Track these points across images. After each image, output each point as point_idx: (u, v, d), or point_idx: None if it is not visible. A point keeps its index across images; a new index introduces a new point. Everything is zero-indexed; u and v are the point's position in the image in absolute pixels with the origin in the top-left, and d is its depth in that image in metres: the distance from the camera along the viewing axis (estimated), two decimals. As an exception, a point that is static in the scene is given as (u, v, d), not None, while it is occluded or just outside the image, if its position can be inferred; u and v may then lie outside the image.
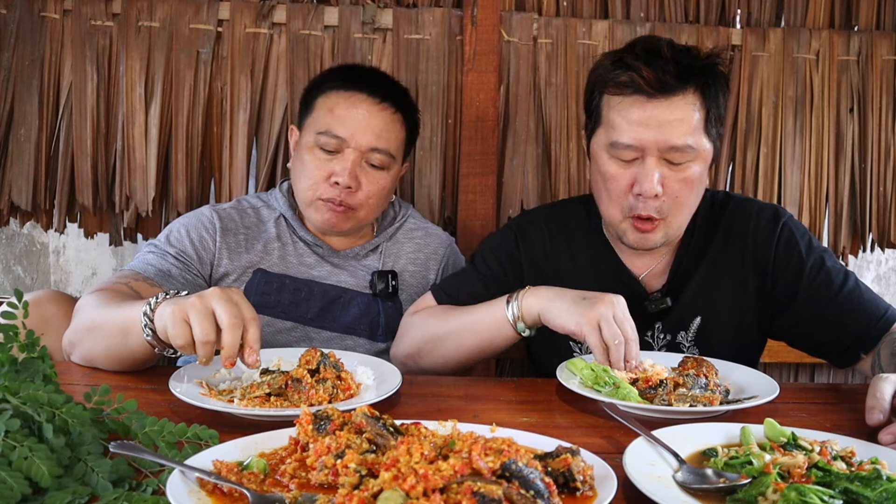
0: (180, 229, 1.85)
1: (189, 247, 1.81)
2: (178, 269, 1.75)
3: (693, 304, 1.69)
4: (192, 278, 1.77)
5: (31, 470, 0.90)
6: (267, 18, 2.33)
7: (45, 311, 1.62)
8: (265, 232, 1.90)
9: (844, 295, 1.60)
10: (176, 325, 1.23)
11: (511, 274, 1.76)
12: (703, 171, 1.60)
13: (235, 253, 1.86)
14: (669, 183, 1.55)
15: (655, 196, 1.54)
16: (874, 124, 2.43)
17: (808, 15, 2.46)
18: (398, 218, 2.01)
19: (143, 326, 1.31)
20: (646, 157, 1.54)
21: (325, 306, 1.86)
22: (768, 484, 0.96)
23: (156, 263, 1.73)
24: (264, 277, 1.85)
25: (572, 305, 1.44)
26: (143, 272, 1.70)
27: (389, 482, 0.85)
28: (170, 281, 1.71)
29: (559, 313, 1.45)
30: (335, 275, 1.89)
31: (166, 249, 1.78)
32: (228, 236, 1.86)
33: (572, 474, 0.93)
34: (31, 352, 1.10)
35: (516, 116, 2.38)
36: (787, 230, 1.67)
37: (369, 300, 1.89)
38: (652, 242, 1.61)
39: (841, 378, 2.64)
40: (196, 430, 1.09)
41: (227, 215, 1.90)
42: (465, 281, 1.77)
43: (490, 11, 2.31)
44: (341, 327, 1.86)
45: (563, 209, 1.84)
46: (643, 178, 1.53)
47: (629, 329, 1.41)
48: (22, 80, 2.29)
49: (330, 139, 1.80)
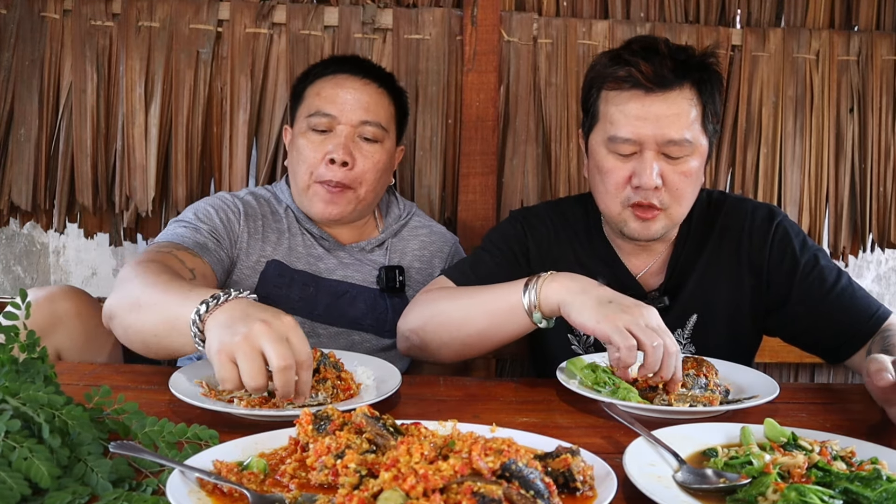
0: (207, 208, 1.81)
1: (219, 224, 1.79)
2: (213, 244, 1.73)
3: (689, 302, 1.70)
4: (223, 256, 1.74)
5: (31, 471, 0.90)
6: (267, 18, 2.33)
7: (57, 308, 1.58)
8: (278, 222, 1.91)
9: (837, 292, 1.62)
10: (222, 366, 1.15)
11: (521, 257, 1.74)
12: (701, 166, 1.62)
13: (254, 239, 1.85)
14: (668, 176, 1.56)
15: (655, 188, 1.56)
16: (874, 124, 2.43)
17: (808, 15, 2.46)
18: (403, 215, 2.01)
19: (193, 336, 1.23)
20: (644, 150, 1.55)
21: (331, 302, 1.86)
22: (768, 484, 0.96)
23: (190, 236, 1.69)
24: (278, 269, 1.84)
25: (598, 305, 1.33)
26: (181, 242, 1.65)
27: (389, 482, 0.85)
28: (207, 253, 1.68)
29: (581, 310, 1.35)
30: (342, 269, 1.89)
31: (198, 224, 1.75)
32: (250, 221, 1.86)
33: (572, 474, 0.93)
34: (32, 352, 1.10)
35: (516, 116, 2.38)
36: (782, 229, 1.69)
37: (376, 295, 1.89)
38: (653, 231, 1.62)
39: (841, 378, 2.64)
40: (196, 430, 1.09)
41: (249, 202, 1.90)
42: (476, 262, 1.72)
43: (490, 11, 2.31)
44: (348, 322, 1.86)
45: (562, 206, 1.85)
46: (642, 171, 1.55)
47: (669, 341, 1.30)
48: (22, 80, 2.29)
49: (321, 119, 1.82)
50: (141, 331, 1.37)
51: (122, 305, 1.41)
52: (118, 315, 1.42)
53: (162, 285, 1.36)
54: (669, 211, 1.61)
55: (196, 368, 1.44)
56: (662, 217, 1.61)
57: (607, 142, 1.59)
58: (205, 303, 1.22)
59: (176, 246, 1.64)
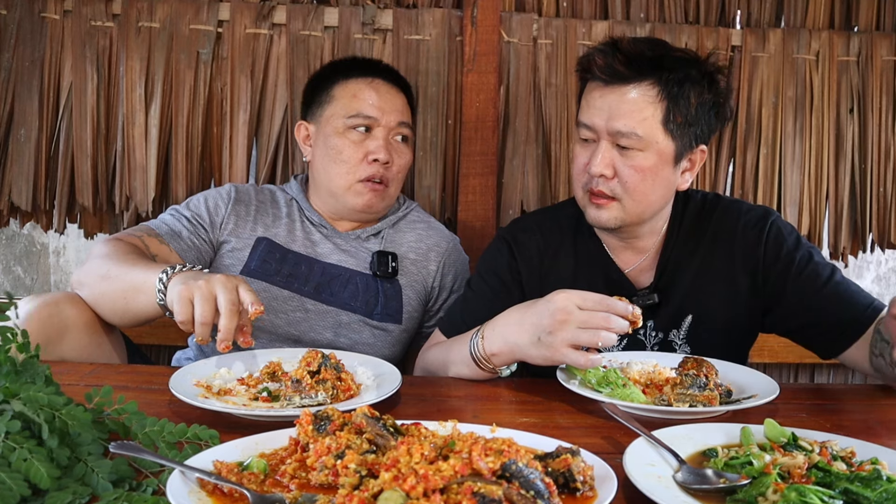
0: (199, 197, 1.98)
1: (204, 212, 1.93)
2: (189, 231, 1.88)
3: (684, 302, 1.71)
4: (199, 242, 1.89)
5: (31, 472, 0.90)
6: (267, 19, 2.33)
7: (64, 315, 1.58)
8: (276, 209, 2.00)
9: (832, 287, 1.64)
10: (181, 303, 1.38)
11: (513, 284, 1.78)
12: (661, 166, 1.62)
13: (243, 221, 1.94)
14: (620, 168, 1.61)
15: (603, 176, 1.61)
16: (874, 125, 2.44)
17: (807, 15, 2.46)
18: (402, 208, 2.06)
19: (157, 291, 1.46)
20: (599, 139, 1.62)
21: (323, 281, 1.90)
22: (768, 484, 0.96)
23: (170, 223, 1.88)
24: (268, 247, 1.92)
25: (533, 348, 1.43)
26: (156, 229, 1.85)
27: (389, 482, 0.85)
28: (178, 241, 1.84)
29: (527, 356, 1.45)
30: (337, 254, 1.94)
31: (183, 213, 1.92)
32: (239, 206, 1.96)
33: (572, 474, 0.93)
34: (27, 351, 1.10)
35: (516, 117, 2.38)
36: (776, 228, 1.71)
37: (368, 279, 1.92)
38: (605, 220, 1.65)
39: (841, 378, 2.64)
40: (196, 430, 1.09)
41: (244, 190, 2.02)
42: (466, 309, 1.78)
43: (490, 12, 2.32)
44: (338, 303, 1.89)
45: (554, 212, 1.88)
46: (593, 157, 1.62)
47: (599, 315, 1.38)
48: (22, 80, 2.30)
49: (362, 120, 1.91)
50: (112, 296, 1.59)
51: (90, 275, 1.63)
52: (86, 283, 1.64)
53: (129, 260, 1.62)
54: (624, 203, 1.63)
55: (196, 368, 1.44)
56: (616, 207, 1.64)
57: (575, 127, 1.69)
58: (171, 266, 1.49)
59: (148, 231, 1.83)
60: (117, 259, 1.62)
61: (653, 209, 1.67)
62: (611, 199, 1.63)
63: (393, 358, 1.89)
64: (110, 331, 1.67)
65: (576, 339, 1.38)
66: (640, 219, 1.67)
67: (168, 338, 2.37)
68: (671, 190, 1.68)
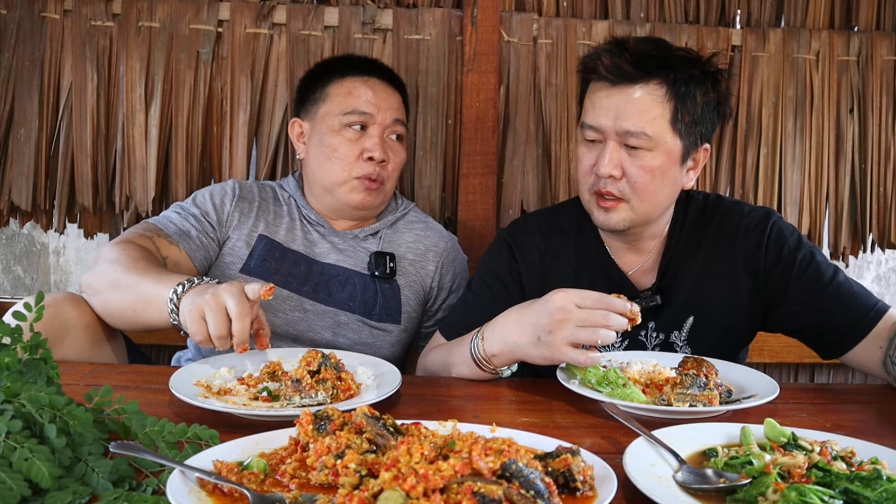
0: (205, 193, 1.97)
1: (211, 209, 1.93)
2: (197, 230, 1.87)
3: (686, 304, 1.71)
4: (207, 241, 1.88)
5: (32, 471, 0.90)
6: (267, 19, 2.33)
7: (64, 317, 1.57)
8: (278, 206, 2.01)
9: (835, 287, 1.64)
10: (194, 323, 1.39)
11: (513, 287, 1.78)
12: (669, 165, 1.62)
13: (246, 217, 1.94)
14: (628, 168, 1.60)
15: (612, 177, 1.60)
16: (874, 125, 2.44)
17: (808, 15, 2.46)
18: (400, 208, 2.06)
19: (170, 312, 1.47)
20: (606, 140, 1.61)
21: (321, 282, 1.90)
22: (768, 484, 0.96)
23: (177, 222, 1.86)
24: (268, 245, 1.92)
25: (533, 348, 1.43)
26: (164, 228, 1.83)
27: (389, 482, 0.85)
28: (187, 241, 1.83)
29: (527, 356, 1.46)
30: (335, 253, 1.94)
31: (190, 210, 1.91)
32: (243, 203, 1.96)
33: (572, 474, 0.93)
34: (34, 353, 1.10)
35: (516, 117, 2.38)
36: (777, 229, 1.71)
37: (367, 280, 1.92)
38: (614, 222, 1.64)
39: (841, 378, 2.64)
40: (196, 430, 1.09)
41: (247, 186, 2.02)
42: (466, 310, 1.78)
43: (490, 12, 2.32)
44: (336, 303, 1.89)
45: (554, 213, 1.88)
46: (601, 158, 1.60)
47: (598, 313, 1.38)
48: (22, 80, 2.30)
49: (358, 117, 1.91)
50: (120, 307, 1.58)
51: (101, 282, 1.61)
52: (98, 289, 1.62)
53: (141, 270, 1.59)
54: (632, 204, 1.62)
55: (196, 368, 1.44)
56: (624, 208, 1.63)
57: (580, 129, 1.67)
58: (181, 284, 1.47)
59: (157, 232, 1.81)
60: (127, 266, 1.60)
61: (660, 209, 1.67)
62: (619, 201, 1.62)
63: (393, 358, 1.89)
64: (111, 331, 1.66)
65: (575, 338, 1.38)
66: (648, 219, 1.67)
67: (168, 338, 2.37)
68: (677, 189, 1.68)
